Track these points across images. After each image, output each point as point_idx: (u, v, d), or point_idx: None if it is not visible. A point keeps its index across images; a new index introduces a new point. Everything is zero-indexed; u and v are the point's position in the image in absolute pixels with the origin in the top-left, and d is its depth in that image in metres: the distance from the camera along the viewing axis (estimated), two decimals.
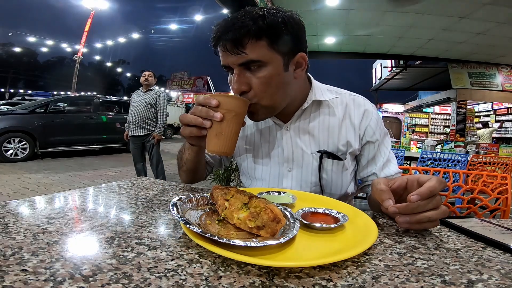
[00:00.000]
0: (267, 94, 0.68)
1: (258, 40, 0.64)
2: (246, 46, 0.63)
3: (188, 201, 0.52)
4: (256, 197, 0.46)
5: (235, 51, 0.64)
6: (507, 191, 1.08)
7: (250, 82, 0.67)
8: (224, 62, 0.68)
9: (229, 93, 0.65)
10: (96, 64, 62.95)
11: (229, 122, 0.61)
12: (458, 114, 8.58)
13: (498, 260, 0.41)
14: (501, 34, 6.13)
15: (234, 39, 0.63)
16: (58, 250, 0.36)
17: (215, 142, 0.62)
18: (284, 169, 0.83)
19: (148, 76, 3.70)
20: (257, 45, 0.64)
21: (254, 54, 0.64)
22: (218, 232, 0.43)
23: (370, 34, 6.74)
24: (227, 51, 0.65)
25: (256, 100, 0.68)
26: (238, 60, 0.65)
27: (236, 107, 0.62)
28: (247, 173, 0.90)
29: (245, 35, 0.63)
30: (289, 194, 0.65)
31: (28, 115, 5.94)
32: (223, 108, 0.61)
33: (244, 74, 0.67)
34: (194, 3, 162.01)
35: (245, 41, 0.63)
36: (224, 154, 0.63)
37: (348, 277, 0.34)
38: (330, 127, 0.81)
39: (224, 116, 0.61)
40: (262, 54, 0.65)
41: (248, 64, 0.66)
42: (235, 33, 0.63)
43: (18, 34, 46.16)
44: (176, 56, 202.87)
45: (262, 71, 0.66)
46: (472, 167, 3.07)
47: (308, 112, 0.81)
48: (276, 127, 0.83)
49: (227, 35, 0.64)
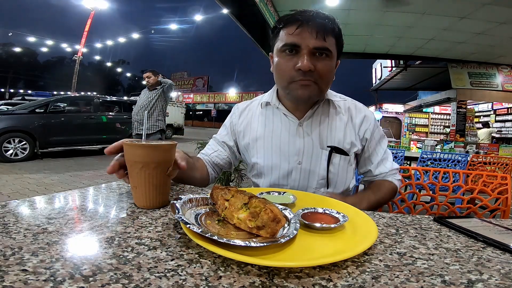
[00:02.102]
0: (325, 78, 0.81)
1: (332, 37, 0.80)
2: (328, 37, 0.78)
3: (188, 201, 0.52)
4: (256, 197, 0.46)
5: (321, 36, 0.76)
6: (507, 191, 1.08)
7: (317, 65, 0.78)
8: (299, 42, 0.77)
9: (153, 142, 0.56)
10: (96, 64, 62.98)
11: (139, 174, 0.54)
12: (458, 114, 8.59)
13: (498, 260, 0.41)
14: (501, 34, 6.13)
15: (324, 27, 0.77)
16: (58, 250, 0.36)
17: (133, 194, 0.57)
18: (294, 162, 0.89)
19: (147, 77, 3.71)
20: (332, 39, 0.80)
21: (329, 44, 0.79)
22: (218, 232, 0.43)
23: (370, 34, 6.75)
24: (310, 33, 0.76)
25: (317, 81, 0.79)
26: (317, 43, 0.77)
27: (142, 156, 0.54)
28: (257, 168, 0.94)
29: (331, 29, 0.79)
30: (289, 194, 0.65)
31: (28, 115, 5.92)
32: (128, 159, 0.56)
33: (312, 57, 0.78)
34: (194, 3, 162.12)
35: (329, 33, 0.78)
36: (146, 208, 0.55)
37: (348, 277, 0.34)
38: (337, 126, 0.90)
39: (131, 168, 0.55)
40: (333, 47, 0.80)
41: (322, 50, 0.78)
42: (326, 23, 0.77)
43: (18, 34, 46.03)
44: (176, 56, 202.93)
45: (328, 60, 0.80)
46: (472, 167, 3.07)
47: (320, 111, 0.90)
48: (290, 123, 0.90)
49: (317, 21, 0.77)
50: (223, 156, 0.98)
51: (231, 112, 1.05)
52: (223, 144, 1.00)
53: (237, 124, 0.99)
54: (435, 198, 1.15)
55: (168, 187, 0.61)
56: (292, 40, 0.77)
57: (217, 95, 35.95)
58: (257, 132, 0.93)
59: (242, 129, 0.97)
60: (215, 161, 0.97)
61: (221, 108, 34.97)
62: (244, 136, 0.96)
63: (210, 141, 1.04)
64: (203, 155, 0.99)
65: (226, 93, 35.11)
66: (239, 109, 1.02)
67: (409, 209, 1.15)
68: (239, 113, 1.00)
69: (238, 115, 1.00)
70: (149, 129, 3.68)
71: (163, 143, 0.57)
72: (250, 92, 33.50)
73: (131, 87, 65.25)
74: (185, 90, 38.12)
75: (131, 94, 11.14)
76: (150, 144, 0.55)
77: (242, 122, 0.98)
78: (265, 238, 0.41)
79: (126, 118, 7.01)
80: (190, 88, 40.40)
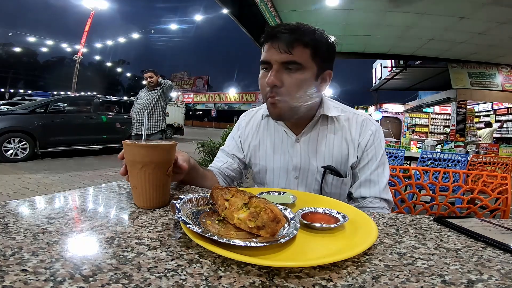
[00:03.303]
0: (296, 94, 0.76)
1: (305, 48, 0.74)
2: (295, 49, 0.73)
3: (188, 201, 0.52)
4: (256, 197, 0.46)
5: (285, 49, 0.73)
6: (507, 191, 1.08)
7: (284, 80, 0.75)
8: (267, 58, 0.76)
9: (153, 142, 0.57)
10: (96, 64, 63.03)
11: (139, 174, 0.55)
12: (458, 114, 8.59)
13: (498, 260, 0.41)
14: (501, 34, 6.13)
15: (286, 40, 0.73)
16: (58, 250, 0.36)
17: (133, 194, 0.57)
18: (292, 176, 0.89)
19: (149, 77, 3.71)
20: (303, 50, 0.74)
21: (298, 57, 0.74)
22: (218, 232, 0.43)
23: (370, 34, 6.75)
24: (276, 48, 0.73)
25: (284, 97, 0.76)
26: (283, 58, 0.73)
27: (141, 156, 0.54)
28: (259, 178, 0.98)
29: (297, 40, 0.73)
30: (289, 194, 0.65)
31: (28, 115, 5.93)
32: (128, 159, 0.56)
33: (281, 71, 0.75)
34: (194, 3, 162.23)
35: (295, 44, 0.73)
36: (146, 208, 0.56)
37: (348, 277, 0.34)
38: (335, 144, 0.87)
39: (131, 168, 0.55)
40: (305, 60, 0.75)
41: (289, 64, 0.74)
42: (289, 36, 0.73)
43: (18, 34, 46.25)
44: (176, 56, 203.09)
45: (299, 73, 0.75)
46: (472, 167, 3.07)
47: (317, 126, 0.88)
48: (288, 139, 0.89)
49: (281, 35, 0.73)
50: (233, 167, 0.98)
51: (237, 123, 1.05)
52: (233, 156, 0.99)
53: (243, 136, 1.00)
54: (435, 198, 1.15)
55: (168, 187, 0.61)
56: (263, 57, 0.77)
57: (217, 95, 35.95)
58: (259, 145, 0.94)
59: (249, 141, 0.98)
60: (226, 173, 0.97)
61: (221, 108, 34.98)
62: (249, 147, 0.97)
63: (218, 154, 1.03)
64: (213, 168, 0.98)
65: (226, 93, 35.12)
66: (245, 119, 1.02)
67: (409, 209, 1.15)
68: (245, 124, 1.01)
69: (244, 126, 1.01)
70: (150, 129, 3.68)
71: (163, 143, 0.57)
72: (250, 92, 33.51)
73: (131, 87, 65.24)
74: (185, 90, 38.12)
75: (131, 94, 11.13)
76: (150, 144, 0.55)
77: (248, 134, 0.98)
78: (265, 238, 0.41)
79: (126, 118, 7.00)
80: (190, 88, 40.39)
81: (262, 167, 0.94)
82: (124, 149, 0.57)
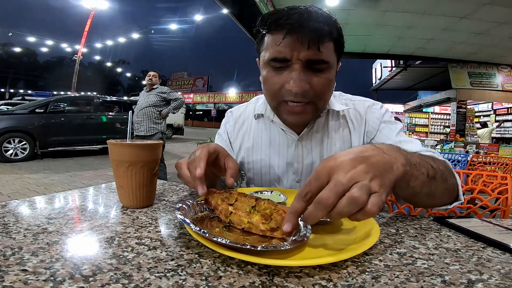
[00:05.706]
0: (323, 95, 0.66)
1: (330, 42, 0.62)
2: (324, 44, 0.60)
3: (192, 207, 0.49)
4: (261, 198, 0.45)
5: (315, 45, 0.58)
6: (507, 191, 1.08)
7: (313, 82, 0.63)
8: (287, 55, 0.61)
9: (138, 141, 0.56)
10: (96, 64, 63.08)
11: (125, 173, 0.54)
12: (458, 114, 8.59)
13: (498, 260, 0.41)
14: (501, 34, 6.13)
15: (319, 33, 0.58)
16: (58, 250, 0.36)
17: (118, 194, 0.57)
18: (293, 180, 0.81)
19: (152, 76, 3.75)
20: (329, 46, 0.62)
21: (326, 54, 0.61)
22: (236, 239, 0.40)
23: (370, 34, 6.75)
24: (302, 42, 0.58)
25: (312, 98, 0.64)
26: (311, 55, 0.60)
27: (128, 156, 0.54)
28: (254, 183, 0.87)
29: (328, 33, 0.60)
30: (277, 193, 0.64)
31: (28, 115, 5.93)
32: (113, 158, 0.55)
33: (306, 71, 0.62)
34: (194, 3, 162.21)
35: (325, 40, 0.60)
36: (132, 207, 0.56)
37: (348, 277, 0.34)
38: (342, 139, 0.78)
39: (116, 167, 0.55)
40: (331, 56, 0.63)
41: (316, 62, 0.61)
42: (321, 28, 0.58)
43: (18, 34, 46.14)
44: (176, 56, 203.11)
45: (327, 73, 0.63)
46: (472, 167, 3.07)
47: (320, 123, 0.78)
48: (288, 140, 0.79)
49: (311, 26, 0.58)
50: None
51: (224, 121, 0.93)
52: None
53: (233, 136, 0.89)
54: None
55: (155, 186, 0.60)
56: (279, 53, 0.61)
57: (217, 95, 35.94)
58: (253, 147, 0.83)
59: (239, 142, 0.87)
60: None
61: (221, 108, 34.96)
62: (240, 148, 0.87)
63: None
64: None
65: (226, 93, 35.11)
66: (233, 116, 0.91)
67: (409, 209, 1.15)
68: (233, 123, 0.90)
69: (232, 125, 0.89)
70: (148, 131, 3.68)
71: (149, 142, 0.56)
72: (250, 92, 33.49)
73: (131, 87, 65.30)
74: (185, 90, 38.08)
75: (131, 94, 11.15)
76: (136, 143, 0.55)
77: (238, 135, 0.88)
78: (293, 242, 0.38)
79: (126, 118, 7.01)
80: (190, 88, 40.35)
81: (257, 170, 0.84)
82: (109, 149, 0.56)
